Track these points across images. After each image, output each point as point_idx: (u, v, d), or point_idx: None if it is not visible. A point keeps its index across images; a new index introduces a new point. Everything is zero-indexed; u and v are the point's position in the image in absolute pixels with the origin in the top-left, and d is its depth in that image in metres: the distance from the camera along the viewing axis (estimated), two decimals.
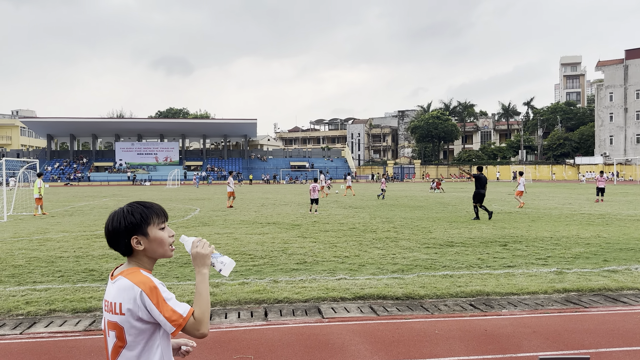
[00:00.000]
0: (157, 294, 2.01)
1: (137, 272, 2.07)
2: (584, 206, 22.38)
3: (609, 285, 7.25)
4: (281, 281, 7.67)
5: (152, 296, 2.00)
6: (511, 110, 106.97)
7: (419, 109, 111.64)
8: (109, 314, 2.08)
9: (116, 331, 2.04)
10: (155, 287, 2.02)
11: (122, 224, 2.10)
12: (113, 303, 2.05)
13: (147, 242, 2.11)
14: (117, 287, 2.06)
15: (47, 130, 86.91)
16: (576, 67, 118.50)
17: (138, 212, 2.12)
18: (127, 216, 2.10)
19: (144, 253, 2.13)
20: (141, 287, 2.00)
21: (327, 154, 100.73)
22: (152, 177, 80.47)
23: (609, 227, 14.34)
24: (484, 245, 11.19)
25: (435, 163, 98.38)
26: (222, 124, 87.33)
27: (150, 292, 2.00)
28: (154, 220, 2.13)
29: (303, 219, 17.38)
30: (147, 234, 2.11)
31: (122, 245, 2.11)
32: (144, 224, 2.11)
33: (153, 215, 2.14)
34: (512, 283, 7.41)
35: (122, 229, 2.09)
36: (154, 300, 1.99)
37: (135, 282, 2.01)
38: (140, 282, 2.01)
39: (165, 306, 2.00)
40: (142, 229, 2.10)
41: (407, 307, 6.35)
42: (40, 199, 20.41)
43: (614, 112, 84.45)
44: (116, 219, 2.12)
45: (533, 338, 5.20)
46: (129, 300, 2.00)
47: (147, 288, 2.00)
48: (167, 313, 2.00)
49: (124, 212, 2.12)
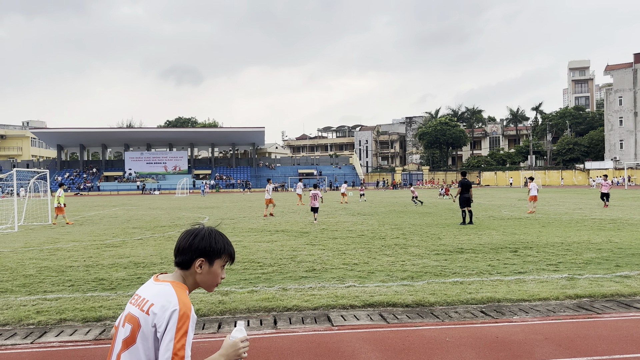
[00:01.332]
0: (186, 324, 1.98)
1: (185, 291, 2.10)
2: (595, 211, 22.17)
3: (621, 290, 7.17)
4: (290, 289, 7.65)
5: (180, 321, 1.96)
6: (520, 115, 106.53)
7: (426, 115, 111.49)
8: (134, 307, 2.07)
9: (132, 326, 2.03)
10: (189, 316, 2.00)
11: (203, 243, 2.16)
12: (145, 300, 2.05)
13: (206, 271, 2.17)
14: (160, 289, 2.07)
15: (57, 140, 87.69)
16: (585, 71, 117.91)
17: (221, 243, 2.20)
18: (212, 239, 2.18)
19: (197, 277, 2.18)
20: (180, 306, 1.99)
21: (335, 161, 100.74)
22: (161, 186, 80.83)
23: (621, 232, 14.19)
24: (494, 251, 11.11)
25: (444, 169, 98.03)
26: (230, 133, 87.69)
27: (181, 317, 1.97)
28: (224, 258, 2.22)
29: (311, 227, 17.36)
30: (213, 264, 2.18)
31: (186, 258, 2.16)
32: (216, 255, 2.18)
33: (227, 253, 2.23)
34: (523, 289, 7.34)
35: (201, 247, 2.15)
36: (179, 326, 1.96)
37: (179, 298, 2.02)
38: (183, 302, 2.01)
39: (182, 339, 1.95)
40: (212, 257, 2.18)
41: (417, 314, 6.31)
42: (61, 208, 20.82)
43: (623, 116, 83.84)
44: (205, 236, 2.18)
45: (545, 345, 5.14)
46: (162, 307, 1.99)
47: (183, 311, 1.98)
48: (178, 344, 1.94)
49: (212, 235, 2.20)
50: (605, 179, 25.53)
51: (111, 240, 14.50)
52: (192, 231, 2.21)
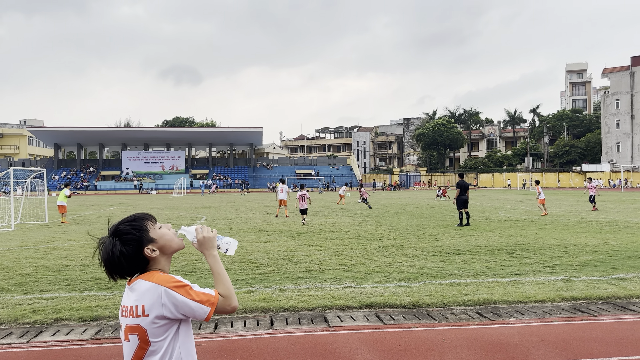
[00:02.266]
0: (183, 285, 2.03)
1: (156, 273, 2.08)
2: (592, 213, 22.24)
3: (617, 293, 7.19)
4: (287, 289, 7.65)
5: (178, 289, 2.01)
6: (517, 117, 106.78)
7: (424, 116, 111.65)
8: (128, 318, 2.06)
9: (138, 334, 2.03)
10: (178, 281, 2.04)
11: (120, 247, 2.07)
12: (133, 307, 2.04)
13: (158, 245, 2.12)
14: (137, 290, 2.05)
15: (55, 139, 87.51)
16: (582, 74, 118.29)
17: (131, 229, 2.10)
18: (126, 237, 2.09)
19: (160, 254, 2.14)
20: (164, 285, 2.01)
21: (332, 161, 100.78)
22: (158, 186, 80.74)
23: (617, 234, 14.23)
24: (491, 253, 11.13)
25: (441, 171, 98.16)
26: (228, 133, 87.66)
27: (175, 287, 2.02)
28: (149, 224, 2.14)
29: (308, 227, 17.37)
30: (153, 238, 2.12)
31: (133, 266, 2.10)
32: (145, 232, 2.11)
33: (144, 221, 2.15)
34: (519, 291, 7.36)
35: (123, 252, 2.07)
36: (182, 292, 2.01)
37: (156, 282, 2.02)
38: (162, 281, 2.02)
39: (194, 292, 2.02)
40: (147, 237, 2.11)
41: (413, 315, 6.32)
42: (64, 206, 20.72)
43: (620, 119, 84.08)
44: (116, 245, 2.08)
45: (541, 347, 5.15)
46: (153, 301, 2.00)
47: (170, 284, 2.02)
48: (197, 297, 2.01)
49: (121, 236, 2.09)
50: (590, 182, 25.87)
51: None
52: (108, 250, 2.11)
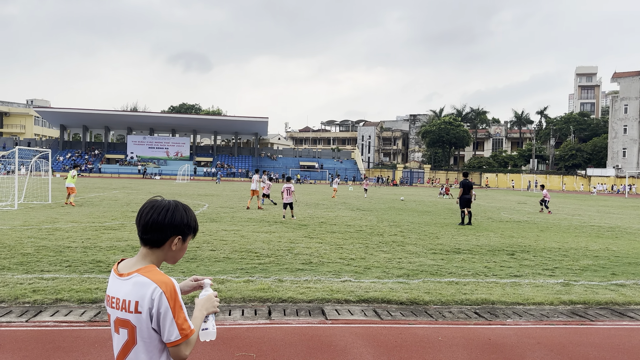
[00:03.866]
0: (176, 298, 1.96)
1: (156, 271, 2.01)
2: (594, 218, 22.18)
3: (616, 299, 7.18)
4: (286, 281, 7.68)
5: (170, 299, 1.94)
6: (524, 118, 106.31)
7: (431, 113, 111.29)
8: (119, 311, 2.01)
9: (128, 329, 1.99)
10: (175, 291, 1.97)
11: (180, 219, 2.06)
12: (126, 300, 1.97)
13: (179, 247, 2.10)
14: (132, 284, 1.98)
15: (61, 120, 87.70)
16: (591, 77, 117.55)
17: (194, 219, 2.13)
18: (188, 216, 2.09)
19: (168, 254, 2.10)
20: (163, 287, 1.94)
21: (336, 155, 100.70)
22: (162, 172, 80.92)
23: (619, 240, 14.19)
24: (491, 253, 11.13)
25: (445, 168, 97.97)
26: (234, 121, 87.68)
27: (170, 295, 1.94)
28: (193, 232, 2.14)
29: (310, 220, 17.39)
30: (186, 241, 2.12)
31: (161, 237, 2.05)
32: (191, 232, 2.12)
33: (196, 229, 2.16)
34: (518, 293, 7.36)
35: (178, 223, 2.06)
36: (172, 304, 1.94)
37: (156, 281, 1.95)
38: (162, 282, 1.95)
39: (180, 313, 1.95)
40: (187, 234, 2.11)
41: (411, 312, 6.33)
42: (73, 188, 20.71)
43: (628, 124, 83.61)
44: (177, 214, 2.06)
45: (537, 349, 5.16)
46: (147, 299, 1.94)
47: (168, 290, 1.95)
48: (179, 320, 1.94)
49: (186, 210, 2.10)
50: (542, 189, 27.05)
51: (110, 222, 14.53)
52: (162, 205, 2.07)
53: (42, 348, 4.77)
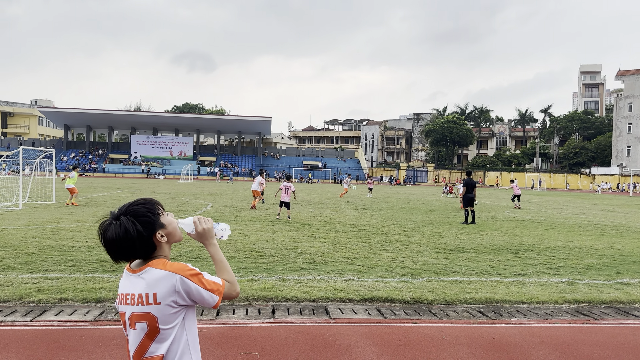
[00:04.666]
0: (196, 273, 2.10)
1: (167, 262, 2.12)
2: (598, 217, 22.11)
3: (620, 298, 7.16)
4: (290, 280, 7.68)
5: (193, 278, 2.07)
6: (528, 117, 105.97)
7: (434, 112, 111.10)
8: (135, 306, 2.07)
9: (148, 321, 2.06)
10: (192, 269, 2.10)
11: (137, 227, 2.06)
12: (143, 294, 2.05)
13: (166, 231, 2.15)
14: (147, 279, 2.06)
15: (65, 120, 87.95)
16: (596, 75, 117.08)
17: (145, 210, 2.12)
18: (138, 219, 2.08)
19: (166, 243, 2.17)
20: (180, 273, 2.06)
21: (340, 154, 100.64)
22: (165, 171, 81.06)
23: (624, 239, 14.14)
24: (495, 252, 11.10)
25: (449, 167, 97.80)
26: (237, 121, 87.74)
27: (190, 275, 2.07)
28: (159, 210, 2.16)
29: (313, 219, 17.39)
30: (164, 224, 2.15)
31: (141, 249, 2.10)
32: (157, 216, 2.13)
33: (157, 206, 2.17)
34: (522, 292, 7.34)
35: (140, 232, 2.06)
36: (195, 280, 2.07)
37: (171, 270, 2.07)
38: (177, 270, 2.07)
39: (205, 281, 2.10)
40: (159, 222, 2.13)
41: (415, 311, 6.32)
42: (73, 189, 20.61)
43: (632, 122, 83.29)
44: (126, 227, 2.05)
45: (541, 348, 5.14)
46: (167, 289, 2.04)
47: (186, 273, 2.07)
48: (209, 285, 2.09)
49: (133, 216, 2.08)
50: (512, 182, 29.07)
51: None
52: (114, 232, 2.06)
53: (47, 347, 4.78)
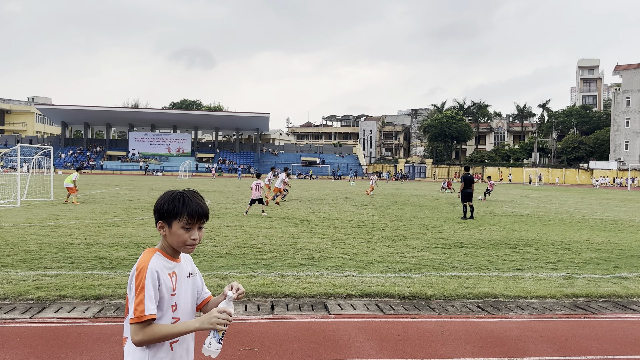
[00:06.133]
0: (142, 278, 2.05)
1: (149, 252, 2.16)
2: (596, 211, 22.15)
3: (618, 292, 7.18)
4: (289, 276, 7.69)
5: (137, 278, 2.05)
6: (526, 111, 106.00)
7: (432, 107, 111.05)
8: None
9: (126, 301, 2.12)
10: (144, 272, 2.06)
11: (158, 205, 2.21)
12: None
13: (168, 232, 2.18)
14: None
15: (62, 117, 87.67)
16: (594, 70, 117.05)
17: (175, 204, 2.17)
18: (166, 202, 2.19)
19: (166, 239, 2.21)
20: (137, 267, 2.08)
21: (338, 150, 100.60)
22: (164, 168, 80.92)
23: (621, 233, 14.18)
24: (494, 247, 11.13)
25: (447, 163, 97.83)
26: (235, 117, 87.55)
27: (138, 274, 2.06)
28: (182, 219, 2.16)
29: (312, 215, 17.39)
30: (171, 226, 2.17)
31: (155, 225, 2.25)
32: (171, 217, 2.17)
33: (184, 214, 2.16)
34: (520, 286, 7.36)
35: (156, 210, 2.22)
36: (137, 283, 2.05)
37: (138, 262, 2.11)
38: (140, 263, 2.10)
39: (140, 294, 2.03)
40: (167, 219, 2.18)
41: (413, 306, 6.33)
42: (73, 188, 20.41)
43: (630, 117, 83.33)
44: (160, 199, 2.23)
45: (540, 342, 5.16)
46: (130, 276, 2.11)
47: (138, 268, 2.07)
48: (136, 300, 2.02)
49: (168, 197, 2.21)
50: (489, 179, 31.68)
51: (112, 219, 14.56)
52: (162, 194, 2.26)
53: (46, 344, 4.78)
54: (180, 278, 2.22)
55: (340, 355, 4.69)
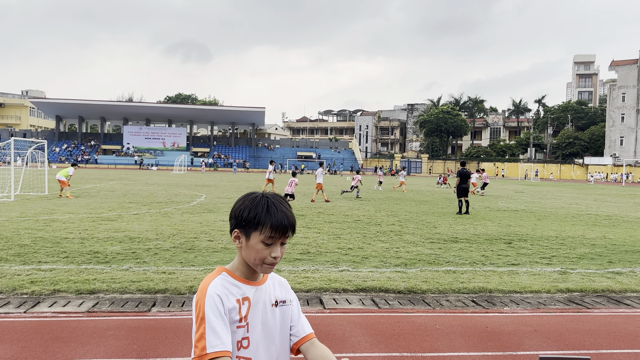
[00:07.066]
0: (201, 306, 1.74)
1: (213, 273, 1.86)
2: (591, 206, 22.25)
3: (612, 287, 7.22)
4: (284, 271, 7.69)
5: (196, 306, 1.75)
6: (522, 107, 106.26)
7: (428, 103, 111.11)
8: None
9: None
10: (202, 297, 1.76)
11: (236, 210, 1.85)
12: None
13: (245, 244, 1.83)
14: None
15: (56, 111, 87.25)
16: (590, 66, 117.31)
17: (257, 211, 1.80)
18: (247, 207, 1.82)
19: (241, 253, 1.86)
20: (197, 294, 1.78)
21: (334, 145, 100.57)
22: (159, 162, 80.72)
23: (616, 228, 14.25)
24: (489, 242, 11.16)
25: (443, 158, 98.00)
26: (230, 112, 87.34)
27: (197, 302, 1.76)
28: (264, 231, 1.78)
29: (308, 210, 17.39)
30: (249, 237, 1.81)
31: (230, 230, 1.89)
32: (251, 226, 1.80)
33: (267, 225, 1.78)
34: (515, 281, 7.39)
35: (233, 215, 1.86)
36: (196, 312, 1.75)
37: (201, 285, 1.81)
38: (200, 289, 1.79)
39: (200, 327, 1.71)
40: (246, 229, 1.81)
41: (408, 301, 6.35)
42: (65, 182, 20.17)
43: (625, 112, 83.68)
44: (240, 202, 1.86)
45: (534, 337, 5.18)
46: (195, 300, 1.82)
47: (197, 295, 1.78)
48: (196, 335, 1.71)
49: (249, 201, 1.84)
50: (483, 172, 32.52)
51: (107, 213, 14.51)
52: (242, 196, 1.89)
53: (41, 339, 4.77)
54: (256, 306, 1.84)
55: (336, 350, 4.70)
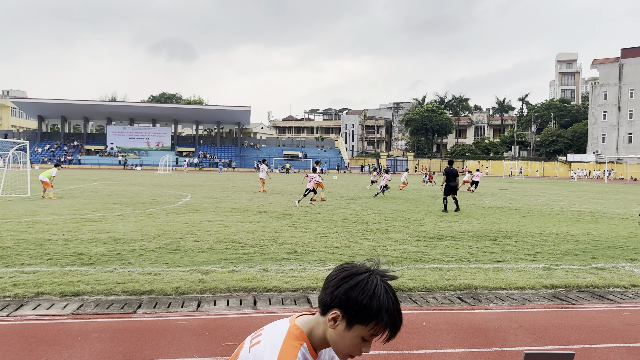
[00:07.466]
0: None
1: (293, 343, 1.62)
2: (574, 203, 22.55)
3: (596, 282, 7.32)
4: (271, 270, 7.67)
5: None
6: (506, 105, 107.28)
7: (414, 101, 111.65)
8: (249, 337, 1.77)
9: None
10: None
11: (352, 292, 1.60)
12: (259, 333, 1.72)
13: (340, 330, 1.62)
14: (277, 326, 1.70)
15: (38, 111, 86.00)
16: (572, 64, 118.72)
17: (379, 303, 1.60)
18: (368, 296, 1.60)
19: (328, 332, 1.65)
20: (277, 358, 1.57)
21: (320, 144, 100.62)
22: (143, 162, 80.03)
23: (598, 224, 14.46)
24: (474, 239, 11.25)
25: (429, 156, 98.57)
26: (216, 111, 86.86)
27: None
28: (371, 327, 1.61)
29: (294, 209, 17.38)
30: (352, 327, 1.62)
31: (325, 301, 1.65)
32: (360, 318, 1.60)
33: (381, 321, 1.61)
34: (500, 278, 7.46)
35: (345, 295, 1.60)
36: None
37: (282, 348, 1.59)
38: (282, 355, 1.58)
39: None
40: (354, 318, 1.61)
41: None
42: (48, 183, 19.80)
43: (607, 110, 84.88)
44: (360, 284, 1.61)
45: (519, 332, 5.24)
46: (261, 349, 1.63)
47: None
48: None
49: (370, 289, 1.61)
50: (478, 171, 33.63)
51: (91, 214, 14.34)
52: (349, 268, 1.66)
53: (25, 342, 4.70)
54: None
55: None
